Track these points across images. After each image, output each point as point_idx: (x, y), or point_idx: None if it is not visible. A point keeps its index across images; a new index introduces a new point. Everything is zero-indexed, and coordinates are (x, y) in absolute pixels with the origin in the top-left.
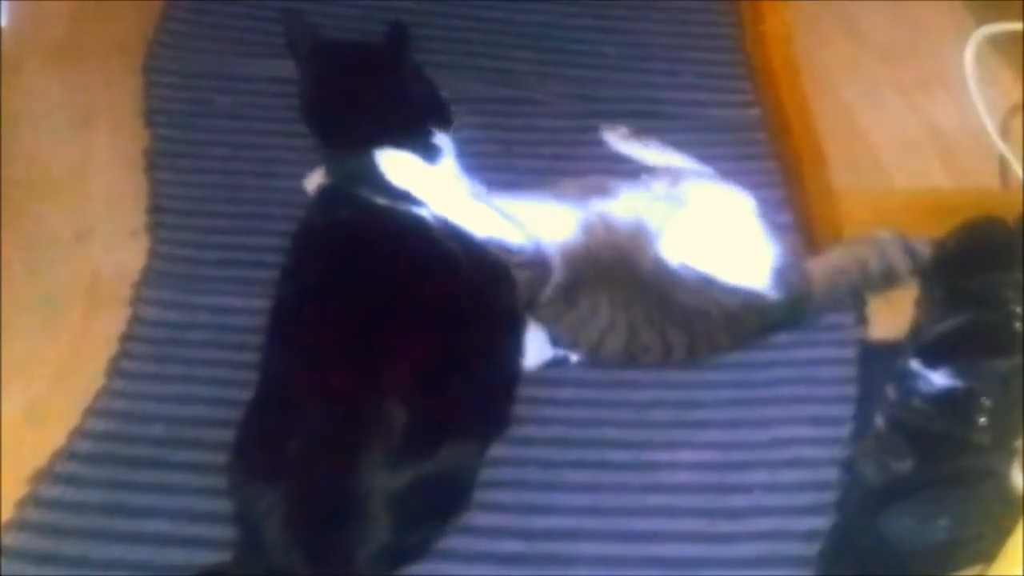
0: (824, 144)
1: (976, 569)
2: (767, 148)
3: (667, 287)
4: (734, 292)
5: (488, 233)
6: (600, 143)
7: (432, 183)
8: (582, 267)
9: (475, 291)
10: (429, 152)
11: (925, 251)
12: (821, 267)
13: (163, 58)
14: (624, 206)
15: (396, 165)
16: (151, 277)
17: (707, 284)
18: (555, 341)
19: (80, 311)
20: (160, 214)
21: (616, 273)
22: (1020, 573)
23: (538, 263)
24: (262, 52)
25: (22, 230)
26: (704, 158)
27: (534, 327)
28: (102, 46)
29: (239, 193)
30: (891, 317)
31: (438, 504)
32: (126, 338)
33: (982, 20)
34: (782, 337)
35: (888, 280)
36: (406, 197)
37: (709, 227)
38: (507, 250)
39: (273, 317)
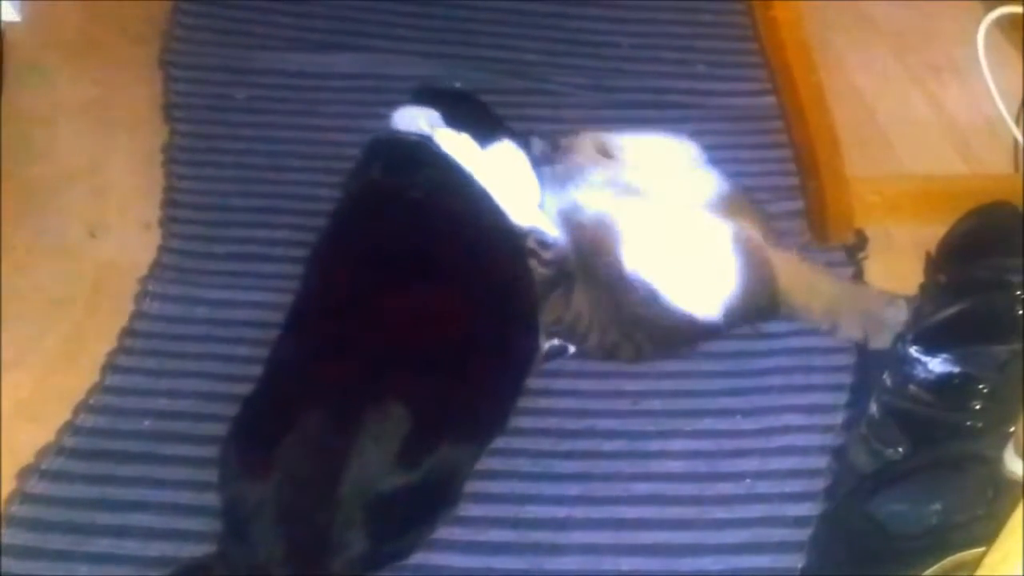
0: (837, 131)
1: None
2: (781, 136)
3: (620, 290)
4: (677, 314)
5: (529, 222)
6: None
7: (480, 160)
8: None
9: (495, 285)
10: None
11: None
12: (805, 283)
13: (179, 52)
14: (590, 197)
15: (450, 140)
16: (158, 271)
17: (653, 298)
18: (551, 332)
19: (85, 306)
20: (174, 208)
21: (586, 268)
22: (1019, 561)
23: (564, 263)
24: (277, 46)
25: (37, 226)
26: (719, 147)
27: None
28: (118, 40)
29: (253, 187)
30: None
31: (426, 509)
32: (125, 333)
33: (991, 5)
34: (781, 326)
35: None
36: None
37: (672, 243)
38: (544, 243)
39: (291, 307)
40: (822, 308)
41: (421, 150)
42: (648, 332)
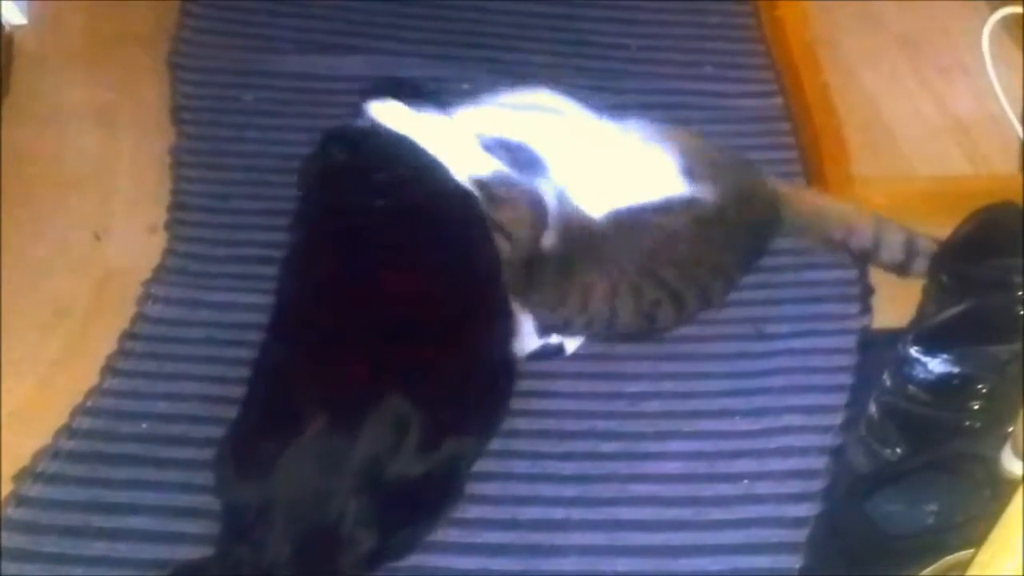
0: (844, 132)
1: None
2: (788, 137)
3: (626, 234)
4: (667, 207)
5: (490, 168)
6: None
7: (423, 126)
8: (562, 241)
9: (473, 266)
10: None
11: (927, 250)
12: (809, 199)
13: (187, 54)
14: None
15: (385, 111)
16: (162, 275)
17: (641, 214)
18: (546, 330)
19: (88, 309)
20: (180, 211)
21: (585, 238)
22: (1018, 559)
23: (537, 203)
24: (285, 48)
25: (41, 228)
26: (726, 148)
27: (521, 316)
28: (124, 42)
29: (261, 190)
30: (897, 306)
31: (432, 501)
32: (126, 336)
33: (996, 6)
34: (783, 327)
35: (864, 259)
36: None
37: (599, 167)
38: (510, 184)
39: (275, 306)
40: (837, 215)
41: (378, 135)
42: (680, 250)
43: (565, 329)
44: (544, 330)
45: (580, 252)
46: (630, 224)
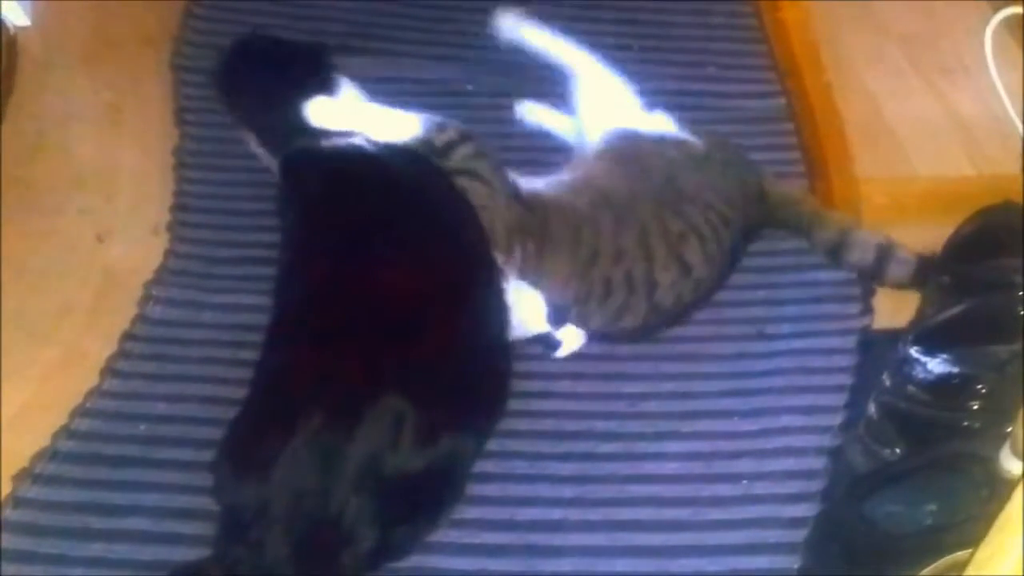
0: (846, 132)
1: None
2: (791, 137)
3: (634, 173)
4: (661, 140)
5: (421, 124)
6: None
7: (347, 111)
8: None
9: (460, 258)
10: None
11: (907, 258)
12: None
13: (191, 56)
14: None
15: (321, 112)
16: (164, 276)
17: (640, 142)
18: (559, 316)
19: (90, 311)
20: (183, 212)
21: (600, 187)
22: (1017, 558)
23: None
24: None
25: (45, 230)
26: None
27: (533, 296)
28: (128, 43)
29: (263, 191)
30: (897, 306)
31: (429, 501)
32: (126, 337)
33: (998, 6)
34: (784, 327)
35: (833, 257)
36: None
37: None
38: (442, 128)
39: (273, 315)
40: (810, 205)
41: (350, 152)
42: (682, 184)
43: (602, 299)
44: (557, 316)
45: (601, 205)
46: (635, 159)
